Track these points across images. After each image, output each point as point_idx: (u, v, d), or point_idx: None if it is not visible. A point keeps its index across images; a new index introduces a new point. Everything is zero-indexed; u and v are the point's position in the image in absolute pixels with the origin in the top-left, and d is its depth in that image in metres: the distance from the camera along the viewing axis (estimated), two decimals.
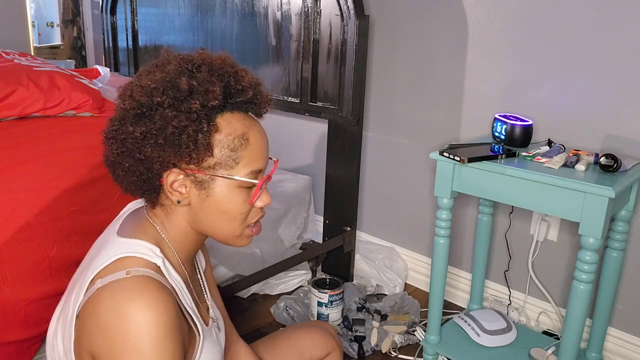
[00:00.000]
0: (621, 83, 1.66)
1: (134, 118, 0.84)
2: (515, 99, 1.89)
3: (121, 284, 0.79)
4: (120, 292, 0.78)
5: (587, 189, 1.32)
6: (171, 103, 0.82)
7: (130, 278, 0.80)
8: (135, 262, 0.83)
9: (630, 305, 1.77)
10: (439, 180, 1.59)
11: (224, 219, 0.90)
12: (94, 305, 0.79)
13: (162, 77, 0.84)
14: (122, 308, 0.77)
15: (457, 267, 2.19)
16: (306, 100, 2.21)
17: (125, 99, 0.85)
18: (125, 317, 0.76)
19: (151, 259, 0.85)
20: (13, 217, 1.29)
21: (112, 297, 0.78)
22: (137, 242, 0.87)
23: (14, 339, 1.26)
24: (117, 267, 0.82)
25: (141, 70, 0.89)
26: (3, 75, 1.91)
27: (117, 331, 0.76)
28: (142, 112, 0.83)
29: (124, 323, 0.76)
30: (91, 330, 0.79)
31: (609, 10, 1.65)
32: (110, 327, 0.77)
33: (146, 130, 0.83)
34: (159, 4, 2.77)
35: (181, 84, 0.83)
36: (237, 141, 0.86)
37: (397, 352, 1.88)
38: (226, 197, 0.88)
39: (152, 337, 0.76)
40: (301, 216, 2.42)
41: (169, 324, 0.78)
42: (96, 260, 0.86)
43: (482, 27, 1.93)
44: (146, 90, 0.83)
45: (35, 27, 4.29)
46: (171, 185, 0.87)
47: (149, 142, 0.83)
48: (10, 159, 1.51)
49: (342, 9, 1.98)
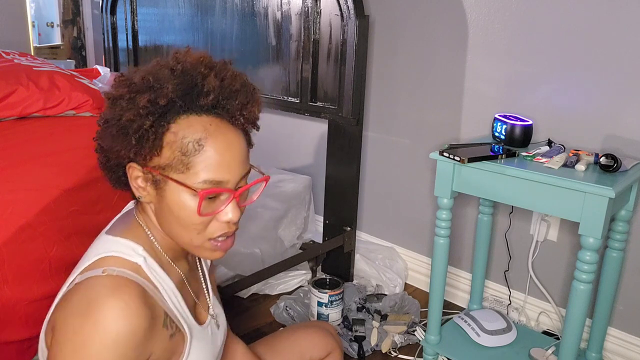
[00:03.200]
0: (621, 83, 1.66)
1: (107, 108, 0.86)
2: (515, 99, 1.89)
3: (95, 281, 0.81)
4: (91, 289, 0.79)
5: (587, 189, 1.32)
6: (129, 97, 0.83)
7: (105, 276, 0.81)
8: (114, 262, 0.84)
9: (630, 305, 1.77)
10: (439, 180, 1.59)
11: (179, 225, 0.86)
12: (67, 297, 0.82)
13: (139, 75, 0.84)
14: (88, 303, 0.77)
15: (457, 267, 2.19)
16: (306, 100, 2.21)
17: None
18: (88, 311, 0.77)
19: (131, 258, 0.85)
20: (13, 217, 1.29)
21: (83, 293, 0.80)
22: (120, 241, 0.88)
23: (14, 339, 1.26)
24: (97, 265, 0.84)
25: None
26: (3, 75, 1.91)
27: (74, 322, 0.77)
28: (111, 103, 0.85)
29: (83, 317, 0.76)
30: (56, 315, 0.82)
31: (609, 10, 1.65)
32: (71, 316, 0.78)
33: (107, 120, 0.85)
34: (159, 4, 2.77)
35: (136, 79, 0.83)
36: (190, 145, 0.81)
37: (397, 352, 1.88)
38: (177, 202, 0.84)
39: (103, 339, 0.75)
40: (301, 216, 2.42)
41: (127, 332, 0.76)
42: (82, 259, 0.88)
43: (482, 27, 1.93)
44: (120, 83, 0.85)
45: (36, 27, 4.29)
46: (134, 180, 0.87)
47: (107, 132, 0.85)
48: (10, 159, 1.50)
49: (342, 9, 1.98)
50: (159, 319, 0.85)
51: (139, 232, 0.90)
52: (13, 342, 1.26)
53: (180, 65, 0.84)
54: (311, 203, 2.53)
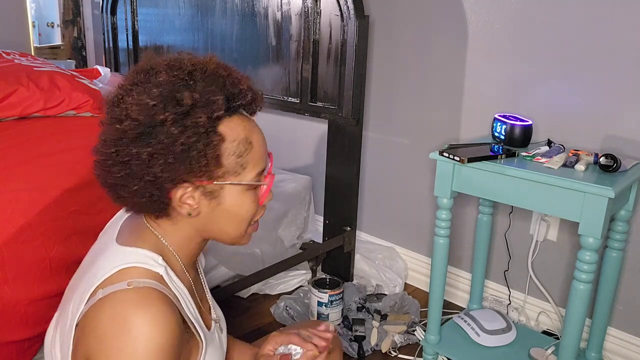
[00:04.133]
0: (621, 83, 1.66)
1: (135, 138, 0.80)
2: (515, 99, 1.89)
3: (123, 296, 0.78)
4: (121, 304, 0.78)
5: (587, 189, 1.32)
6: (175, 119, 0.79)
7: (132, 290, 0.79)
8: (137, 273, 0.82)
9: (629, 305, 1.77)
10: (439, 180, 1.59)
11: (234, 222, 0.90)
12: (94, 315, 0.79)
13: (159, 92, 0.79)
14: (122, 320, 0.76)
15: (457, 267, 2.19)
16: (306, 100, 2.21)
17: (122, 119, 0.80)
18: (124, 328, 0.76)
19: (153, 268, 0.84)
20: (13, 217, 1.29)
21: (113, 308, 0.78)
22: (139, 252, 0.85)
23: (14, 339, 1.26)
24: (119, 277, 0.81)
25: (127, 81, 0.84)
26: (3, 76, 1.91)
27: (114, 342, 0.76)
28: (144, 131, 0.79)
29: (122, 334, 0.76)
30: (89, 339, 0.79)
31: (609, 10, 1.65)
32: (108, 337, 0.76)
33: (153, 151, 0.79)
34: (159, 4, 2.77)
35: (184, 99, 0.79)
36: (241, 146, 0.85)
37: (397, 352, 1.88)
38: (237, 202, 0.88)
39: (148, 351, 0.75)
40: (301, 216, 2.42)
41: (166, 340, 0.77)
42: (95, 269, 0.84)
43: (482, 27, 1.93)
44: (144, 107, 0.79)
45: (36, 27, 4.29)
46: (180, 199, 0.84)
47: (158, 162, 0.80)
48: (11, 159, 1.51)
49: (342, 9, 1.99)
50: (181, 325, 0.85)
51: (154, 241, 0.89)
52: (13, 342, 1.26)
53: (201, 72, 0.83)
54: (311, 203, 2.53)
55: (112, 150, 0.81)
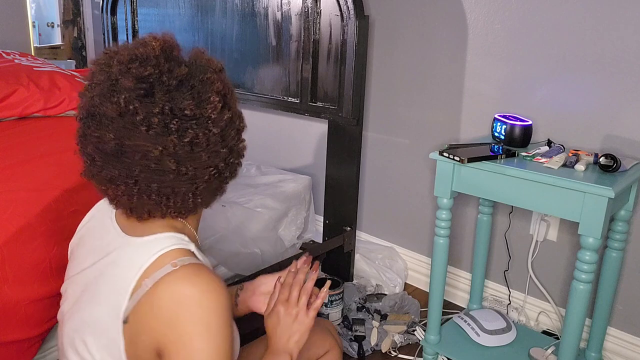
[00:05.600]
0: (621, 83, 1.66)
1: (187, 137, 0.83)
2: (515, 99, 1.89)
3: (175, 275, 0.81)
4: (177, 283, 0.80)
5: (587, 189, 1.32)
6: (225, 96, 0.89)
7: (180, 268, 0.82)
8: (175, 254, 0.84)
9: (629, 305, 1.77)
10: (439, 180, 1.59)
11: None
12: (151, 303, 0.81)
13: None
14: (184, 295, 0.79)
15: (457, 267, 2.19)
16: (306, 100, 2.21)
17: (167, 117, 0.80)
18: (189, 302, 0.79)
19: (185, 246, 0.87)
20: (13, 217, 1.29)
21: (170, 289, 0.80)
22: (167, 235, 0.87)
23: (14, 339, 1.26)
24: (161, 263, 0.83)
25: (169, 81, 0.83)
26: (3, 76, 1.91)
27: (186, 316, 0.79)
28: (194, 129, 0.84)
29: (191, 307, 0.79)
30: (152, 326, 0.81)
31: (609, 10, 1.65)
32: (178, 315, 0.79)
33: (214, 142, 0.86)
34: (159, 4, 2.77)
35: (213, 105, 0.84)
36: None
37: (397, 351, 1.88)
38: None
39: (218, 316, 0.80)
40: (301, 216, 2.42)
41: (226, 301, 0.81)
42: (123, 266, 0.85)
43: (482, 27, 1.93)
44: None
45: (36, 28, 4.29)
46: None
47: (202, 153, 0.85)
48: (11, 159, 1.51)
49: (342, 9, 1.99)
50: None
51: (172, 223, 0.91)
52: (13, 342, 1.26)
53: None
54: (311, 203, 2.53)
55: (160, 153, 0.81)
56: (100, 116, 0.82)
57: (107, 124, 0.81)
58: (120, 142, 0.80)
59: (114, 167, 0.83)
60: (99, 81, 0.83)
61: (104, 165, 0.84)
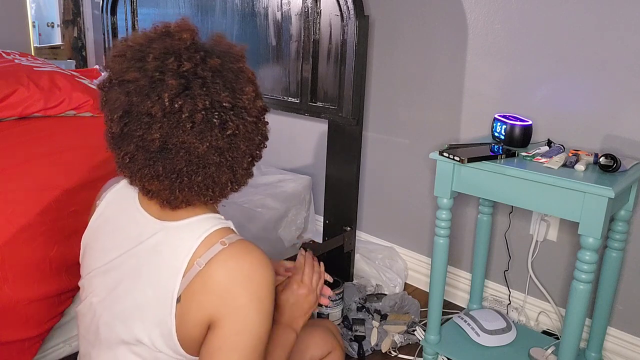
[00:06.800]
0: (621, 83, 1.66)
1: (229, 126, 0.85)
2: (515, 99, 1.89)
3: (227, 253, 0.85)
4: (230, 259, 0.85)
5: (587, 189, 1.32)
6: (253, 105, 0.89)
7: (229, 246, 0.85)
8: (221, 233, 0.88)
9: (629, 305, 1.77)
10: (439, 180, 1.59)
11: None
12: (205, 281, 0.84)
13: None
14: (238, 270, 0.84)
15: (457, 267, 2.19)
16: (306, 100, 2.21)
17: (210, 109, 0.82)
18: (243, 276, 0.84)
19: (225, 224, 0.90)
20: (13, 217, 1.29)
21: (225, 266, 0.84)
22: (204, 217, 0.90)
23: (14, 339, 1.26)
24: (209, 243, 0.86)
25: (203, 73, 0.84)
26: (3, 76, 1.91)
27: (239, 290, 0.84)
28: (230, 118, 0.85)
29: (244, 282, 0.84)
30: (205, 301, 0.84)
31: (609, 10, 1.65)
32: (232, 289, 0.84)
33: (234, 133, 0.86)
34: (159, 4, 2.77)
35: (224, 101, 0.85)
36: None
37: (397, 351, 1.88)
38: None
39: (267, 288, 0.85)
40: (301, 216, 2.42)
41: (272, 275, 0.87)
42: (170, 251, 0.87)
43: (482, 27, 1.93)
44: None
45: (36, 28, 4.29)
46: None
47: (240, 140, 0.87)
48: (11, 159, 1.51)
49: (342, 9, 1.99)
50: None
51: (207, 205, 0.93)
52: (13, 342, 1.26)
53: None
54: (311, 203, 2.53)
55: (200, 145, 0.83)
56: (142, 114, 0.81)
57: (150, 122, 0.81)
58: (165, 140, 0.81)
59: (158, 163, 0.83)
60: (133, 78, 0.82)
61: (146, 162, 0.84)
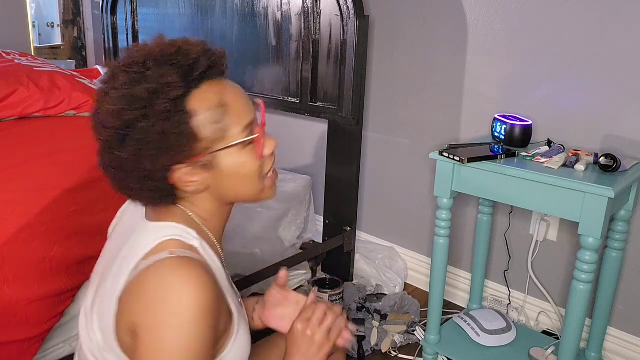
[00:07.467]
0: (621, 83, 1.66)
1: (118, 143, 0.83)
2: (515, 99, 1.89)
3: (167, 263, 0.82)
4: (165, 271, 0.81)
5: (587, 189, 1.32)
6: (141, 115, 0.81)
7: (175, 257, 0.83)
8: (176, 244, 0.86)
9: (629, 305, 1.77)
10: (439, 180, 1.59)
11: (245, 182, 0.91)
12: (138, 285, 0.82)
13: (120, 95, 0.82)
14: (167, 284, 0.79)
15: (457, 267, 2.19)
16: (306, 100, 2.21)
17: (100, 131, 0.85)
18: (171, 292, 0.79)
19: (188, 241, 0.88)
20: (13, 217, 1.29)
21: (158, 276, 0.81)
22: (175, 225, 0.89)
23: (14, 339, 1.26)
24: (160, 249, 0.84)
25: (97, 94, 0.87)
26: (3, 76, 1.91)
27: (163, 305, 0.79)
28: (122, 135, 0.82)
29: (170, 298, 0.79)
30: (134, 308, 0.82)
31: (609, 10, 1.65)
32: (157, 302, 0.79)
33: (135, 150, 0.83)
34: (159, 4, 2.77)
35: (140, 93, 0.81)
36: (217, 112, 0.85)
37: (397, 351, 1.88)
38: (236, 164, 0.89)
39: (194, 313, 0.78)
40: (301, 216, 2.42)
41: (210, 303, 0.80)
42: (131, 246, 0.88)
43: (482, 27, 1.93)
44: (113, 114, 0.82)
45: (36, 28, 4.28)
46: (181, 180, 0.87)
47: (144, 157, 0.83)
48: (11, 159, 1.51)
49: (342, 9, 1.99)
50: (221, 295, 0.88)
51: (184, 216, 0.92)
52: (13, 342, 1.26)
53: (152, 59, 0.84)
54: (311, 203, 2.53)
55: (106, 160, 0.87)
56: None
57: None
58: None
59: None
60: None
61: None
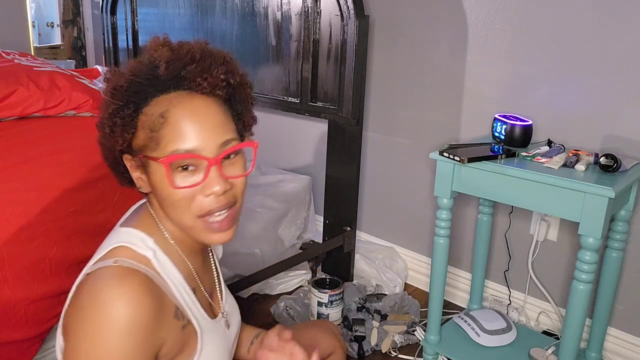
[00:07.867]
0: (620, 83, 1.66)
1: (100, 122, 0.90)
2: (515, 99, 1.89)
3: (106, 272, 0.80)
4: (101, 280, 0.79)
5: (587, 189, 1.32)
6: (110, 93, 0.86)
7: (115, 267, 0.81)
8: (125, 253, 0.84)
9: (630, 305, 1.77)
10: (439, 180, 1.59)
11: (168, 206, 0.84)
12: (78, 288, 0.83)
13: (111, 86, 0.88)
14: (98, 294, 0.78)
15: (457, 267, 2.19)
16: (306, 100, 2.21)
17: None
18: (98, 302, 0.77)
19: (140, 250, 0.85)
20: (13, 217, 1.29)
21: (93, 282, 0.80)
22: (132, 232, 0.88)
23: (14, 339, 1.26)
24: (110, 255, 0.84)
25: None
26: (3, 76, 1.91)
27: (88, 315, 0.77)
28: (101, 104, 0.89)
29: (96, 308, 0.77)
30: (68, 310, 0.82)
31: (609, 10, 1.65)
32: (83, 310, 0.78)
33: (99, 125, 0.89)
34: (159, 4, 2.77)
35: (120, 83, 0.85)
36: (156, 120, 0.81)
37: (397, 352, 1.88)
38: (158, 181, 0.83)
39: (118, 327, 0.76)
40: (301, 216, 2.42)
41: (140, 319, 0.77)
42: (97, 252, 0.88)
43: (482, 27, 1.93)
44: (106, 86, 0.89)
45: (36, 27, 4.29)
46: (131, 171, 0.88)
47: (101, 136, 0.89)
48: (11, 159, 1.51)
49: (342, 9, 1.99)
50: (168, 310, 0.85)
51: (150, 223, 0.90)
52: (13, 342, 1.26)
53: (145, 54, 0.88)
54: (311, 203, 2.53)
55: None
56: None
57: None
58: None
59: None
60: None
61: None
